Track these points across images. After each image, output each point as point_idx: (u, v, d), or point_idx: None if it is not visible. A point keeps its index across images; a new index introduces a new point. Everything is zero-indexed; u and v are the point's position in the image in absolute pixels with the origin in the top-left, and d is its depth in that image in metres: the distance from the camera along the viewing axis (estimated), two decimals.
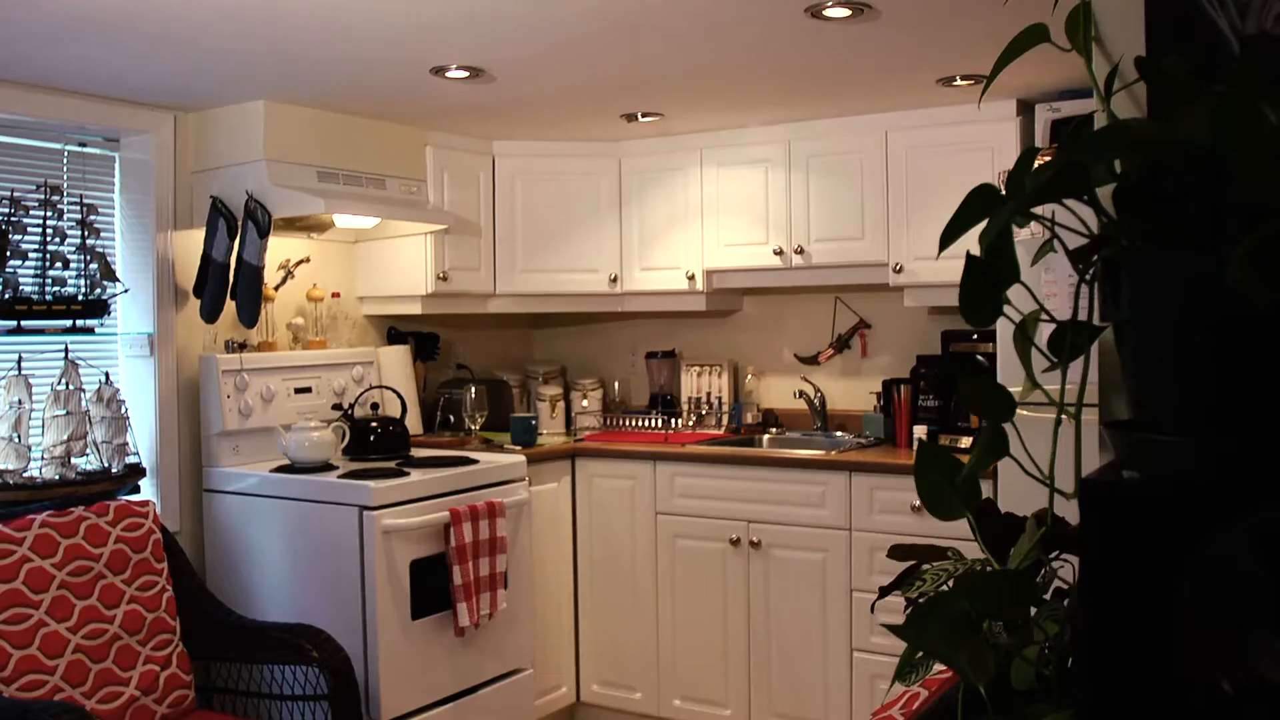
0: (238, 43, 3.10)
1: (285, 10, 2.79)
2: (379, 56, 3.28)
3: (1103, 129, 1.20)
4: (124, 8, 2.74)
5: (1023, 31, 1.51)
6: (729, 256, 4.63)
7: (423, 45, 3.18)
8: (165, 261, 4.00)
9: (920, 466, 1.42)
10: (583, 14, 2.91)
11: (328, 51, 3.21)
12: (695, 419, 5.02)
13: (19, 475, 3.54)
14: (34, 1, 2.68)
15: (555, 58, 3.37)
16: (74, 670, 3.19)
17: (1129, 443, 1.22)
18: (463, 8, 2.84)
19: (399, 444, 4.32)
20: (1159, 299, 1.18)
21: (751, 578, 4.24)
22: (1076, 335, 1.34)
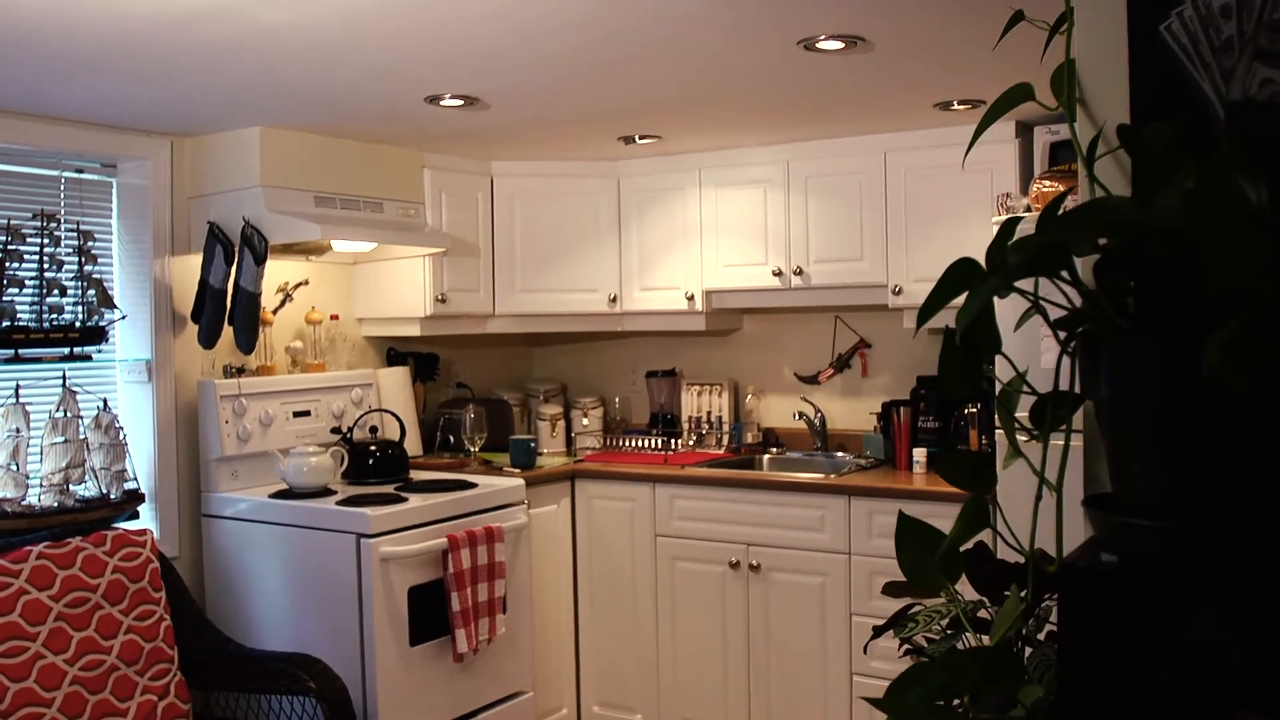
0: (231, 75, 3.10)
1: (276, 44, 2.79)
2: (372, 87, 3.28)
3: (1080, 208, 1.19)
4: (118, 43, 2.74)
5: (1008, 91, 1.50)
6: (728, 277, 4.62)
7: (416, 77, 3.18)
8: (163, 287, 4.00)
9: (901, 540, 1.41)
10: (575, 49, 2.90)
11: (321, 83, 3.21)
12: (696, 438, 5.01)
13: (17, 503, 3.54)
14: (30, 40, 2.67)
15: (549, 88, 3.36)
16: (71, 702, 3.19)
17: (1108, 525, 1.21)
18: (455, 44, 2.84)
19: (398, 467, 4.31)
20: (1136, 382, 1.17)
21: (751, 601, 4.23)
22: (1058, 407, 1.33)
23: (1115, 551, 1.22)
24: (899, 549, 1.41)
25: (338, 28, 2.66)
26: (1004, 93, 1.49)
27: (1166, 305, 1.21)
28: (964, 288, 1.29)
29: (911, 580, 1.41)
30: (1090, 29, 1.50)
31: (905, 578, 1.42)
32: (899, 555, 1.41)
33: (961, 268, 1.29)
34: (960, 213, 4.05)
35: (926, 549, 1.39)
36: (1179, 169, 1.24)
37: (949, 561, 1.38)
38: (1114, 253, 1.26)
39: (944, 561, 1.38)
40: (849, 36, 2.77)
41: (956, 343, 1.26)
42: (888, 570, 3.83)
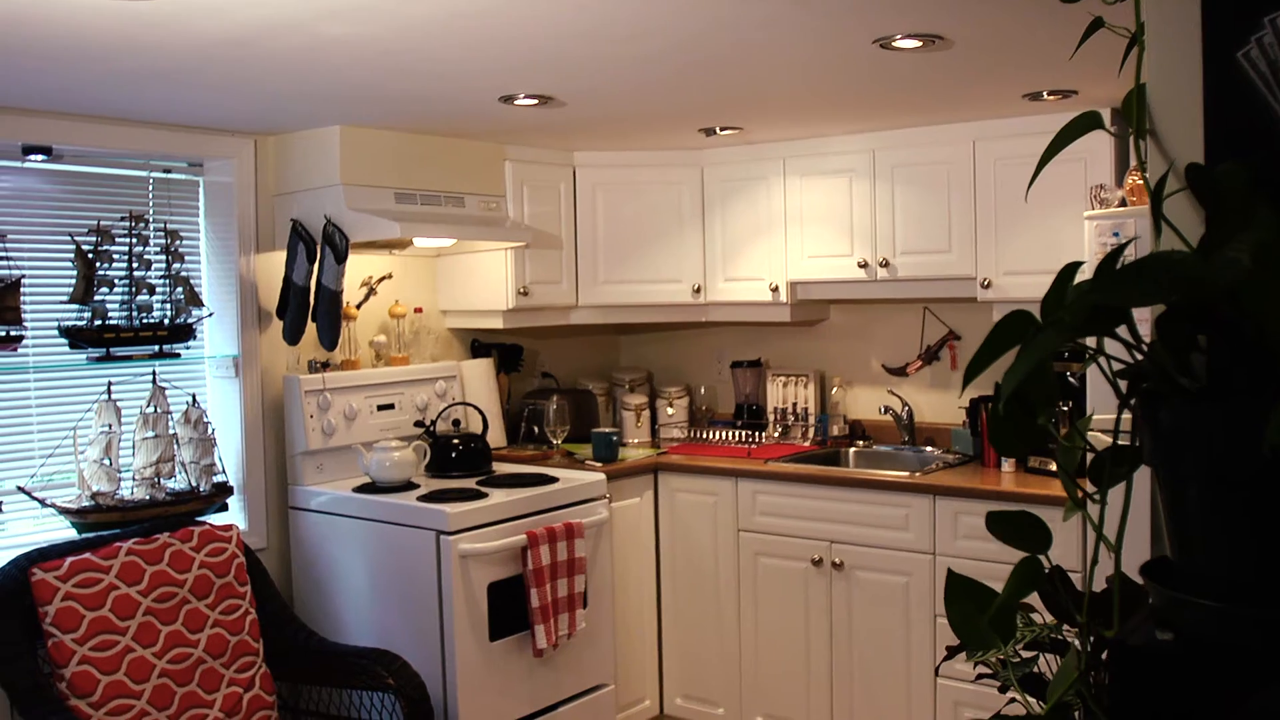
0: (300, 83, 3.12)
1: (340, 55, 2.79)
2: (442, 90, 3.27)
3: (1139, 264, 1.11)
4: (188, 58, 2.77)
5: (1073, 121, 1.42)
6: (812, 268, 4.54)
7: (486, 80, 3.16)
8: (249, 284, 4.06)
9: (950, 597, 1.35)
10: (648, 53, 2.86)
11: (390, 88, 3.21)
12: (781, 430, 4.95)
13: (111, 497, 3.64)
14: (105, 56, 2.71)
15: (624, 87, 3.32)
16: (160, 694, 3.28)
17: (1164, 599, 1.14)
18: (523, 53, 2.81)
19: (480, 461, 4.33)
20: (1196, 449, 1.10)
21: (834, 598, 4.17)
22: (1117, 464, 1.26)
23: (1172, 627, 1.15)
24: (948, 605, 1.35)
25: (399, 39, 2.65)
26: (1068, 123, 1.41)
27: (1234, 366, 1.13)
28: (1015, 342, 1.22)
29: (962, 639, 1.35)
30: (1162, 51, 1.40)
31: (955, 635, 1.37)
32: (948, 611, 1.35)
33: (1014, 321, 1.22)
34: (1052, 204, 3.91)
35: (977, 607, 1.34)
36: (1252, 216, 1.16)
37: (1001, 621, 1.32)
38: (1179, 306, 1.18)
39: (996, 621, 1.32)
40: (926, 35, 2.68)
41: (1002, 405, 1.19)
42: (973, 572, 3.72)
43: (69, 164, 3.71)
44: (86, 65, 2.84)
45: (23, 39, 2.55)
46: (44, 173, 3.66)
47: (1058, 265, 1.21)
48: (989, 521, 1.32)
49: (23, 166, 3.60)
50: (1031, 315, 1.22)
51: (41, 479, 3.63)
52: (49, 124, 3.52)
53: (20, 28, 2.46)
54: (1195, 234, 1.27)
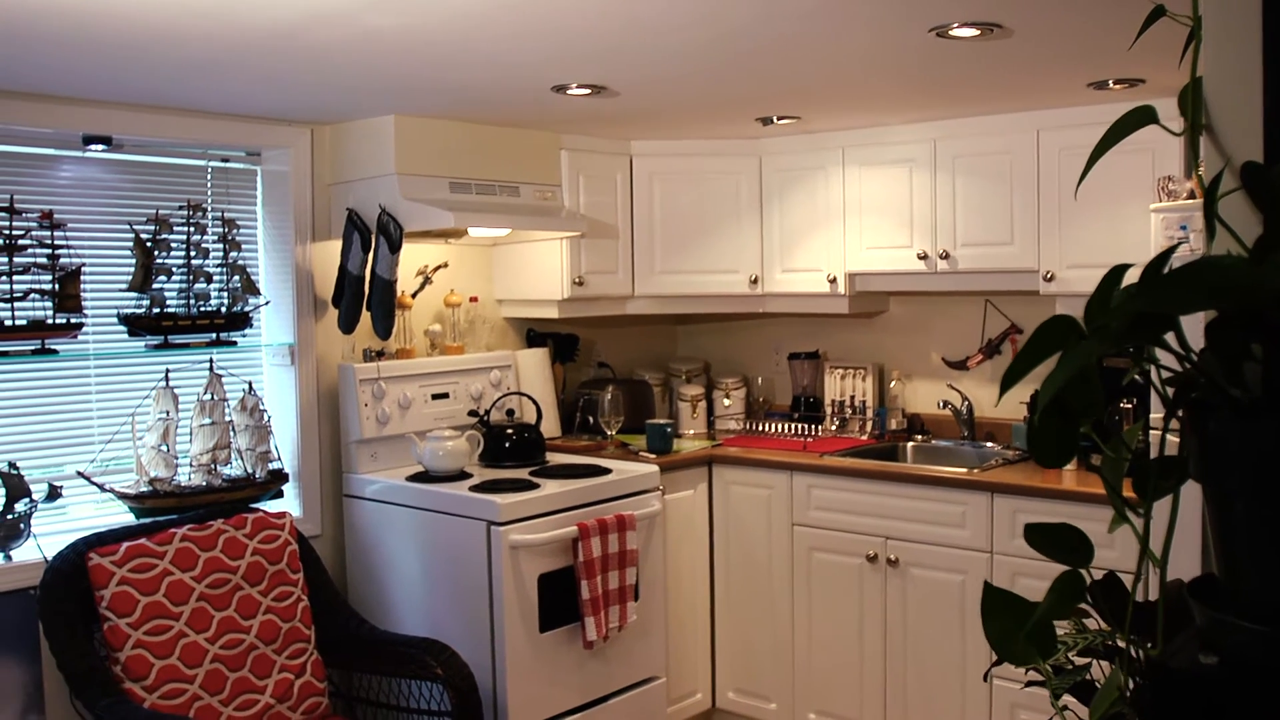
0: (347, 73, 3.11)
1: (387, 45, 2.78)
2: (497, 78, 3.25)
3: (1187, 269, 1.05)
4: (234, 48, 2.78)
5: (1125, 116, 1.35)
6: (871, 259, 4.47)
7: (537, 70, 3.14)
8: (304, 273, 4.08)
9: (987, 610, 1.30)
10: (700, 42, 2.81)
11: (440, 77, 3.20)
12: (839, 423, 4.88)
13: (168, 482, 3.68)
14: (152, 46, 2.73)
15: (678, 77, 3.28)
16: (212, 679, 3.31)
17: (1209, 620, 1.09)
18: (572, 43, 2.79)
19: (534, 451, 4.33)
20: (1244, 465, 1.04)
21: (889, 595, 4.11)
22: (1163, 477, 1.20)
23: (1216, 650, 1.09)
24: (985, 618, 1.31)
25: (445, 29, 2.63)
26: (1120, 118, 1.35)
27: None
28: (1056, 348, 1.17)
29: (1000, 654, 1.30)
30: (1220, 45, 1.34)
31: (992, 649, 1.32)
32: (985, 625, 1.31)
33: (1055, 326, 1.17)
34: (1118, 196, 3.80)
35: (1015, 621, 1.29)
36: None
37: (1040, 636, 1.27)
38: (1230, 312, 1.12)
39: (1034, 636, 1.27)
40: (984, 24, 2.60)
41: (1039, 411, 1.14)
42: (1031, 571, 3.67)
43: (129, 154, 3.75)
44: (137, 56, 2.86)
45: (75, 30, 2.57)
46: (104, 162, 3.70)
47: (1123, 259, 1.15)
48: (1027, 533, 1.27)
49: (83, 156, 3.65)
50: (1074, 320, 1.16)
51: (101, 464, 3.68)
52: (109, 114, 3.56)
53: (72, 18, 2.48)
54: (1253, 235, 1.21)
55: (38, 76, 3.14)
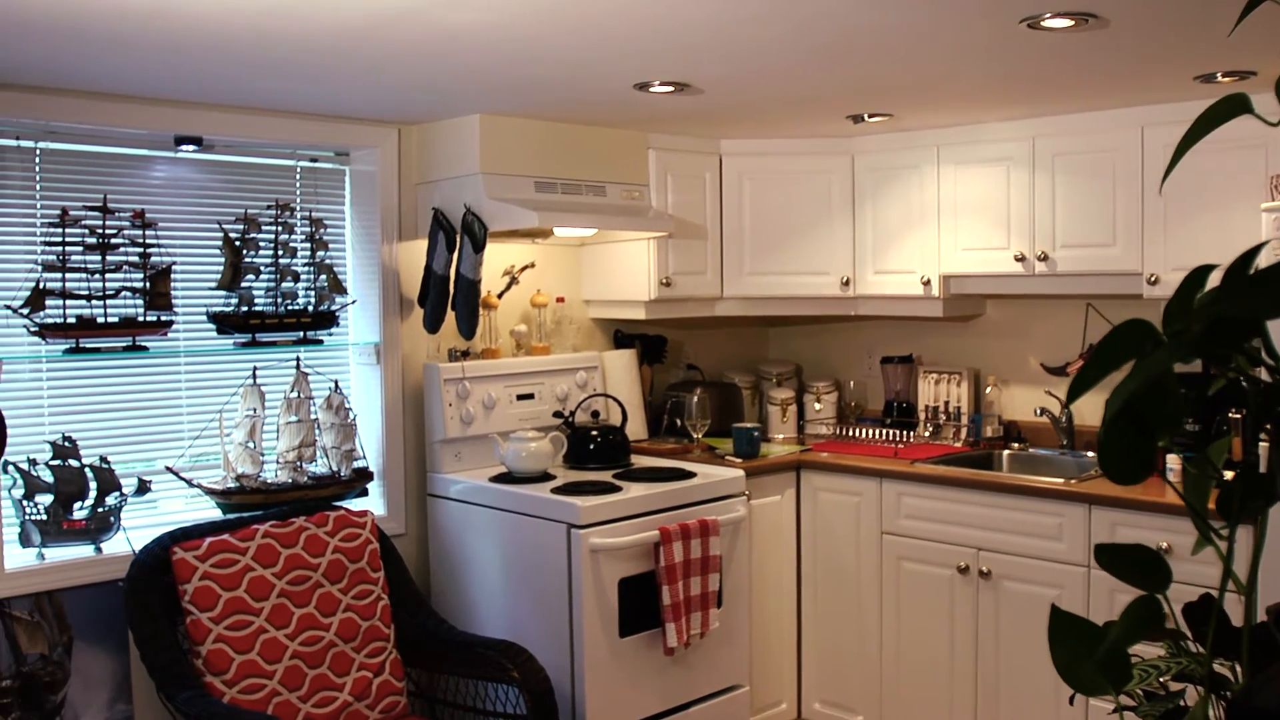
0: (426, 72, 3.10)
1: (465, 43, 2.76)
2: (578, 75, 3.21)
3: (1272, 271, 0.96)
4: (310, 49, 2.78)
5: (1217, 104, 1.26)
6: (967, 261, 4.33)
7: (618, 67, 3.09)
8: (391, 272, 4.10)
9: (1054, 636, 1.21)
10: (783, 35, 2.73)
11: (520, 76, 3.17)
12: (932, 429, 4.75)
13: (254, 479, 3.72)
14: (230, 46, 2.74)
15: (762, 73, 3.20)
16: (291, 675, 3.33)
17: None
18: (651, 37, 2.73)
19: (618, 453, 4.28)
20: None
21: (980, 608, 3.98)
22: (1250, 498, 1.10)
23: None
24: (1052, 644, 1.22)
25: (524, 25, 2.60)
26: (1210, 107, 1.25)
27: None
28: (1130, 356, 1.08)
29: (1068, 682, 1.21)
30: None
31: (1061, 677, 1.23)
32: (1052, 651, 1.22)
33: (1129, 331, 1.09)
34: (1228, 195, 3.62)
35: (1084, 647, 1.20)
36: None
37: (1112, 664, 1.18)
38: None
39: (1106, 664, 1.18)
40: (1078, 14, 2.48)
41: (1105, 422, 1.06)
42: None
43: (219, 154, 3.80)
44: (219, 56, 2.88)
45: (150, 31, 2.60)
46: (194, 162, 3.75)
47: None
48: (1097, 554, 1.18)
49: (175, 156, 3.70)
50: (1149, 325, 1.08)
51: (190, 460, 3.74)
52: (201, 115, 3.60)
53: (155, 20, 2.50)
54: None
55: (131, 78, 3.19)
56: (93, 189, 3.50)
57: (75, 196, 3.47)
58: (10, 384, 3.37)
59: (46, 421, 3.47)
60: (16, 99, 3.26)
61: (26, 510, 3.36)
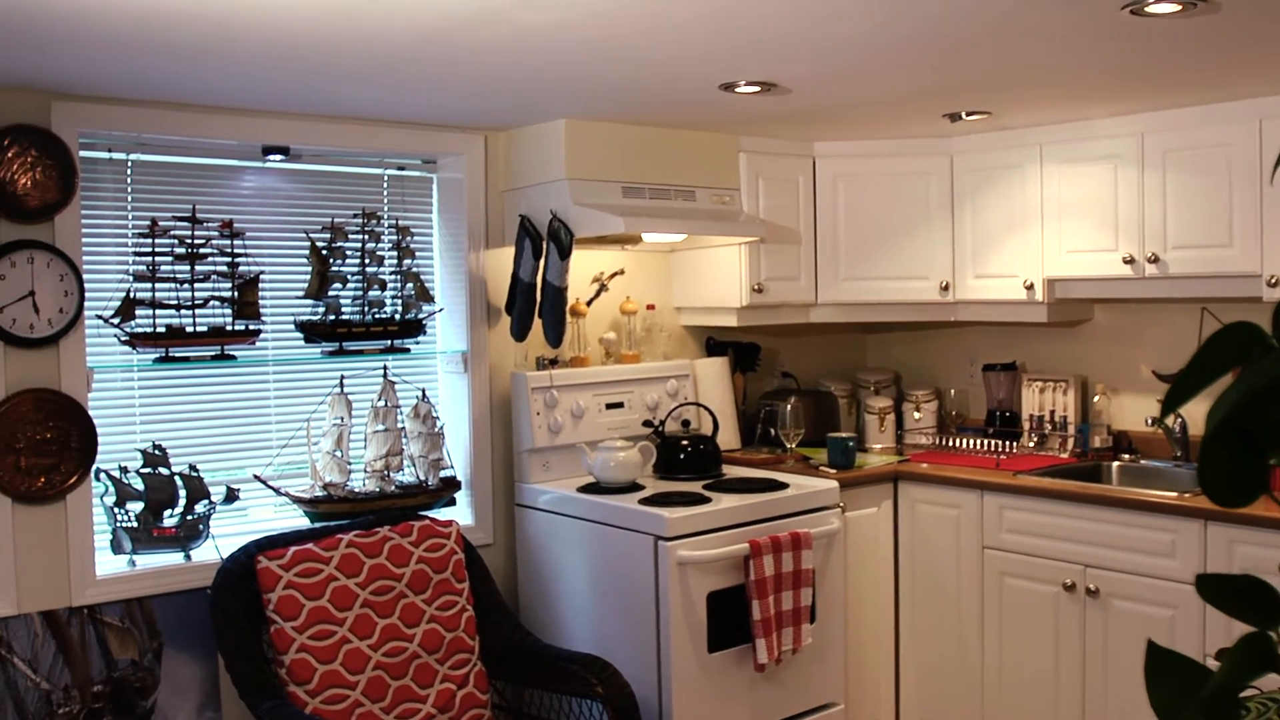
0: (513, 72, 3.04)
1: (543, 45, 2.70)
2: (661, 76, 3.13)
3: None
4: (387, 54, 2.75)
5: None
6: (1072, 264, 4.14)
7: (702, 67, 3.01)
8: (478, 280, 4.07)
9: (1151, 674, 1.09)
10: (871, 31, 2.62)
11: (601, 78, 3.10)
12: (1037, 440, 4.56)
13: (341, 488, 3.71)
14: (310, 53, 2.73)
15: (851, 70, 3.09)
16: (374, 686, 3.31)
17: None
18: (741, 33, 2.64)
19: (709, 463, 4.19)
20: None
21: (1088, 628, 3.79)
22: None
23: None
24: (1149, 683, 1.10)
25: (602, 25, 2.53)
26: None
27: None
28: (1235, 362, 0.96)
29: None
30: None
31: None
32: (1149, 690, 1.10)
33: (1234, 334, 0.97)
34: None
35: (1185, 689, 1.07)
36: None
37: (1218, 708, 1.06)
38: None
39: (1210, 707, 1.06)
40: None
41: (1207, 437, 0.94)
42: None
43: (306, 163, 3.81)
44: (298, 65, 2.87)
45: (232, 39, 2.59)
46: (282, 172, 3.77)
47: None
48: (1199, 585, 1.06)
49: (263, 166, 3.72)
50: (1256, 329, 0.96)
51: (278, 468, 3.75)
52: (287, 125, 3.61)
53: (224, 29, 2.49)
54: None
55: (220, 90, 3.21)
56: (182, 200, 3.53)
57: (165, 207, 3.50)
58: (102, 393, 3.41)
59: (138, 430, 3.51)
60: (108, 112, 3.30)
61: (118, 517, 3.40)
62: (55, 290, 3.21)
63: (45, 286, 3.19)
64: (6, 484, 3.16)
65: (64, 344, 3.24)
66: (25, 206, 3.16)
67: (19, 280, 3.15)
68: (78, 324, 3.25)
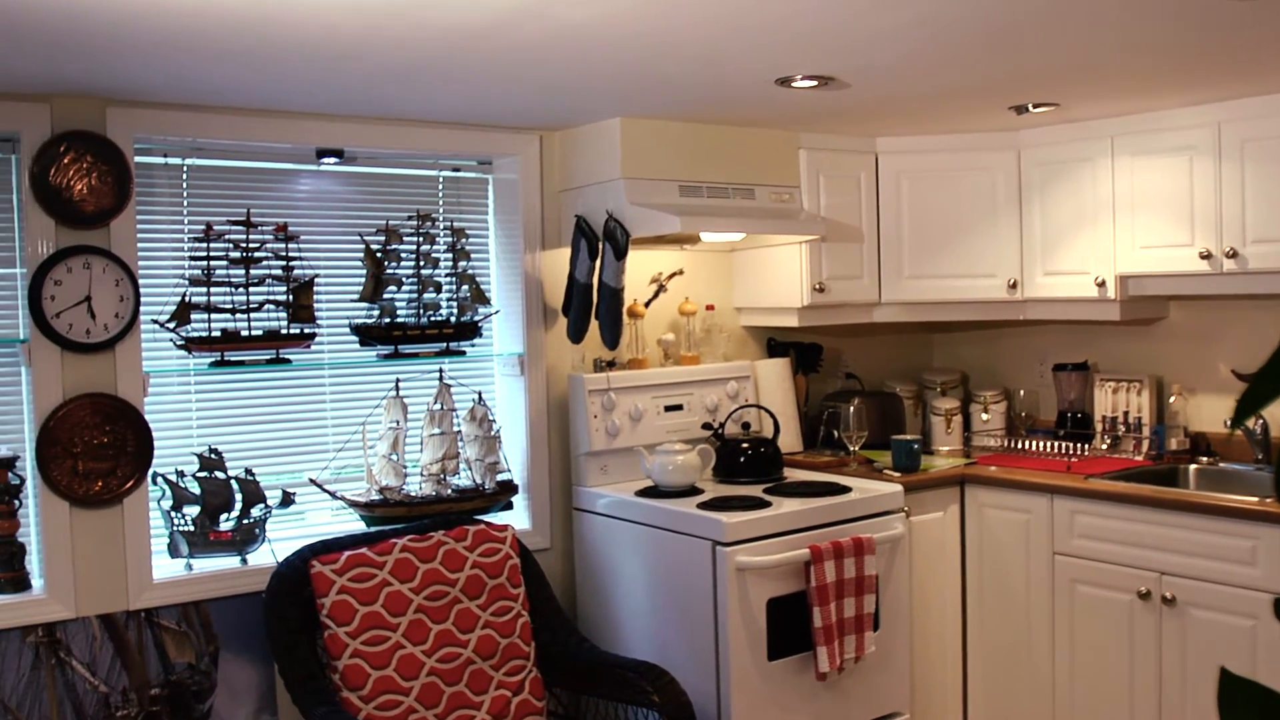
0: (561, 69, 2.98)
1: (596, 35, 2.64)
2: (713, 72, 3.06)
3: None
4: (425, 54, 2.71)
5: None
6: (1145, 260, 4.00)
7: (754, 61, 2.93)
8: (534, 281, 4.02)
9: (1224, 706, 1.01)
10: (925, 17, 2.53)
11: (657, 69, 3.02)
12: (1110, 442, 4.42)
13: (397, 492, 3.69)
14: (353, 52, 2.70)
15: (911, 63, 2.99)
16: (428, 692, 3.27)
17: None
18: (794, 24, 2.56)
19: (770, 466, 4.11)
20: None
21: (1164, 638, 3.65)
22: None
23: None
24: (1221, 713, 1.01)
25: (646, 20, 2.47)
26: None
27: None
28: None
29: None
30: None
31: None
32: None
33: None
34: None
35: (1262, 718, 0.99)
36: None
37: None
38: None
39: None
40: None
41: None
42: None
43: (361, 165, 3.79)
44: (349, 65, 2.84)
45: (280, 41, 2.57)
46: (336, 175, 3.76)
47: None
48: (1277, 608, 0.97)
49: (317, 169, 3.71)
50: None
51: (334, 472, 3.73)
52: (342, 127, 3.60)
53: (275, 30, 2.47)
54: None
55: (274, 93, 3.20)
56: (237, 203, 3.53)
57: (220, 211, 3.50)
58: (158, 397, 3.42)
59: (194, 433, 3.51)
60: (163, 117, 3.31)
61: (174, 521, 3.40)
62: (111, 295, 3.22)
63: (101, 292, 3.20)
64: (64, 488, 3.18)
65: (120, 349, 3.25)
66: (81, 212, 3.17)
67: (75, 286, 3.17)
68: (133, 329, 3.26)
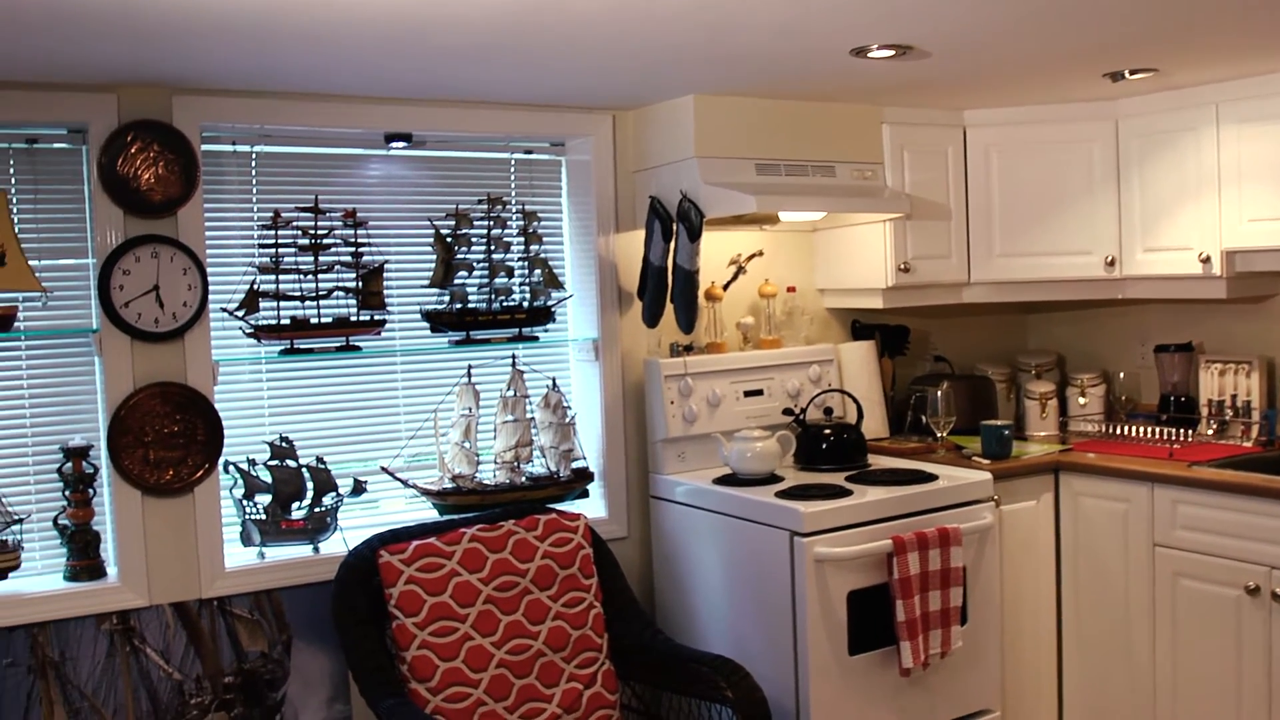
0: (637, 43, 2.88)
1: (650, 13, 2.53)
2: (786, 43, 2.93)
3: None
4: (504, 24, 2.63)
5: None
6: (1254, 234, 3.76)
7: (827, 30, 2.79)
8: (608, 265, 3.94)
9: None
10: None
11: (727, 42, 2.89)
12: (1216, 427, 4.19)
13: (470, 479, 3.64)
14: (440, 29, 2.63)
15: (995, 28, 2.83)
16: (497, 684, 3.22)
17: None
18: None
19: (853, 453, 3.98)
20: None
21: (1274, 636, 3.44)
22: None
23: None
24: None
25: None
26: None
27: None
28: None
29: None
30: None
31: None
32: None
33: None
34: None
35: None
36: None
37: None
38: None
39: None
40: None
41: None
42: None
43: (430, 149, 3.74)
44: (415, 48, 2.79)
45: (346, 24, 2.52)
46: (405, 159, 3.71)
47: None
48: None
49: (385, 154, 3.67)
50: None
51: (406, 460, 3.70)
52: (410, 111, 3.55)
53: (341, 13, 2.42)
54: None
55: (341, 78, 3.16)
56: (304, 190, 3.51)
57: (288, 198, 3.48)
58: (229, 386, 3.42)
59: (266, 422, 3.50)
60: (229, 104, 3.29)
61: (246, 510, 3.40)
62: (179, 284, 3.21)
63: (169, 281, 3.20)
64: (136, 477, 3.18)
65: (189, 337, 3.25)
66: (149, 201, 3.17)
67: (144, 275, 3.17)
68: (202, 317, 3.26)
